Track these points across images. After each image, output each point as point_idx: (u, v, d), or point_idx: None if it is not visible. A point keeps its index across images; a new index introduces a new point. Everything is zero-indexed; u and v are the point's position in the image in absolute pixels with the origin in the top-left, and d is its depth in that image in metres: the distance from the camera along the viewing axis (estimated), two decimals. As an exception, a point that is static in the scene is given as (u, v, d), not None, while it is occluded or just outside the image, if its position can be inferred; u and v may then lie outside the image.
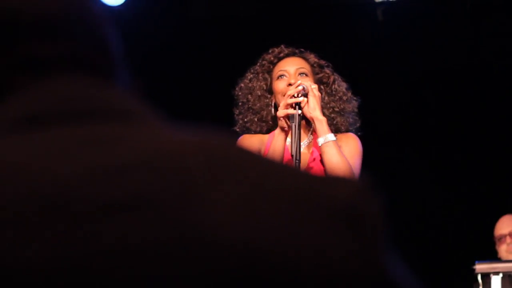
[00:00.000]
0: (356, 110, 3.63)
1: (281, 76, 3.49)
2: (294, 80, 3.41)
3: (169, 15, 6.89)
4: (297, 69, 3.48)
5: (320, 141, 3.26)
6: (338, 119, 3.50)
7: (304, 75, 3.46)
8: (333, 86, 3.55)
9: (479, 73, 6.35)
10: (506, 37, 6.24)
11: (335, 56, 3.73)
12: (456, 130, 6.39)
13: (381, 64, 6.34)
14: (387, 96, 6.33)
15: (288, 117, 3.25)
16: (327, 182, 0.68)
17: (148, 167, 0.67)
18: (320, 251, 0.63)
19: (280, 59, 3.57)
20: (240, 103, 3.62)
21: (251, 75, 3.60)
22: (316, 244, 0.63)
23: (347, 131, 3.52)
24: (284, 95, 3.36)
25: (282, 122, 3.28)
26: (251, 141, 3.50)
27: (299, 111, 3.25)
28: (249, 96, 3.55)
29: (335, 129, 3.44)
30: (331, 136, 3.26)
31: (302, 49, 3.67)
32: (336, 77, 3.61)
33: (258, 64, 3.65)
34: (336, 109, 3.50)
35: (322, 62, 3.59)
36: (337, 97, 3.54)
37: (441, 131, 6.37)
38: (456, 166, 6.39)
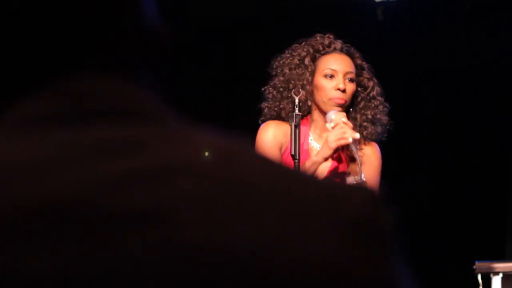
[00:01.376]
0: (387, 120, 3.57)
1: (329, 75, 3.41)
2: (342, 86, 3.35)
3: (169, 16, 6.88)
4: (346, 73, 3.41)
5: (351, 179, 3.27)
6: (370, 128, 3.46)
7: (350, 80, 3.39)
8: (371, 93, 3.50)
9: (479, 73, 6.34)
10: (506, 37, 6.23)
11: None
12: (456, 129, 6.38)
13: (381, 64, 6.32)
14: (387, 96, 6.33)
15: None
16: (338, 190, 0.65)
17: (178, 174, 0.63)
18: (328, 261, 0.60)
19: (328, 52, 3.46)
20: (277, 85, 3.47)
21: (295, 60, 3.47)
22: (324, 254, 0.60)
23: (373, 140, 3.48)
24: (327, 96, 3.34)
25: (332, 149, 3.26)
26: (276, 133, 3.44)
27: (298, 112, 3.24)
28: (290, 84, 3.43)
29: (363, 138, 3.40)
30: (363, 177, 3.25)
31: (349, 45, 3.56)
32: (375, 82, 3.54)
33: (302, 48, 3.52)
34: (369, 117, 3.46)
35: (365, 64, 3.54)
36: (373, 105, 3.49)
37: (441, 130, 6.37)
38: (456, 166, 6.39)
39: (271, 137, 3.35)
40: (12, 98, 0.70)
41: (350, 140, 3.24)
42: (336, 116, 3.28)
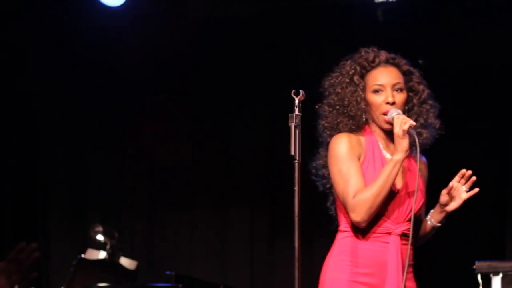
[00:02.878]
0: (438, 123, 3.60)
1: (377, 91, 3.44)
2: (391, 98, 3.40)
3: (168, 16, 6.88)
4: (394, 84, 3.43)
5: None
6: (424, 133, 3.49)
7: (399, 90, 3.42)
8: (422, 97, 3.51)
9: (479, 73, 6.34)
10: (506, 37, 6.23)
11: (334, 56, 3.71)
12: (456, 129, 6.38)
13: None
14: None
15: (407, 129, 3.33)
16: None
17: None
18: None
19: (373, 67, 3.49)
20: (331, 103, 3.50)
21: (345, 78, 3.50)
22: None
23: (428, 145, 3.55)
24: (378, 111, 3.41)
25: (404, 137, 3.32)
26: (353, 143, 3.43)
27: (298, 112, 3.23)
28: (345, 101, 3.46)
29: (421, 145, 3.43)
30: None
31: (393, 55, 3.56)
32: (425, 85, 3.55)
33: (350, 66, 3.52)
34: (422, 122, 3.49)
35: (413, 69, 3.54)
36: (425, 109, 3.51)
37: (442, 129, 6.35)
38: (456, 165, 6.37)
39: (349, 148, 3.38)
40: None
41: (412, 122, 3.31)
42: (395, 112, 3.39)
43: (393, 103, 3.41)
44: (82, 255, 6.00)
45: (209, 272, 6.75)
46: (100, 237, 6.11)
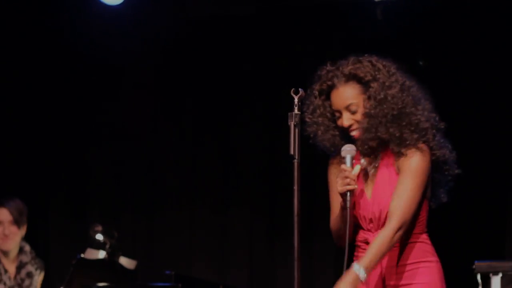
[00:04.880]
0: (419, 117, 3.42)
1: (336, 116, 3.39)
2: (346, 122, 3.33)
3: (167, 14, 6.88)
4: (345, 108, 3.35)
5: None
6: (398, 134, 3.33)
7: (352, 112, 3.32)
8: (378, 96, 3.34)
9: (479, 73, 6.34)
10: (506, 37, 6.23)
11: (334, 54, 3.70)
12: (455, 129, 6.37)
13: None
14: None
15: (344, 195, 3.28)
16: None
17: None
18: None
19: (332, 88, 3.40)
20: (319, 122, 3.43)
21: (317, 100, 3.43)
22: None
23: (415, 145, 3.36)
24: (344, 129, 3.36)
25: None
26: (335, 170, 3.42)
27: (298, 111, 3.23)
28: (316, 127, 3.43)
29: (399, 149, 3.32)
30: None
31: (339, 69, 3.45)
32: (378, 79, 3.37)
33: (318, 85, 3.44)
34: (392, 126, 3.33)
35: (360, 74, 3.37)
36: (388, 107, 3.34)
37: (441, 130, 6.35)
38: (456, 165, 6.37)
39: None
40: None
41: (351, 187, 3.25)
42: (345, 155, 3.32)
43: (350, 126, 3.37)
44: (82, 255, 6.00)
45: (209, 272, 6.75)
46: (99, 237, 6.11)
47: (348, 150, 3.32)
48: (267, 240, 6.85)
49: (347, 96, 3.37)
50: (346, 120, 3.36)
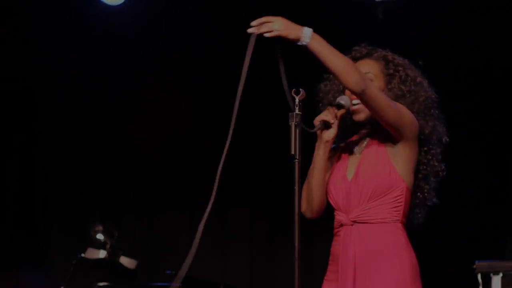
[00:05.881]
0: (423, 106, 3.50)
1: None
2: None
3: (168, 14, 6.88)
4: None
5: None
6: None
7: (370, 80, 3.37)
8: (400, 79, 3.45)
9: (479, 73, 6.35)
10: (506, 37, 6.23)
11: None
12: (456, 129, 6.37)
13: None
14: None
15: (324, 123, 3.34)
16: None
17: None
18: None
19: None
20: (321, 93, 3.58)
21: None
22: None
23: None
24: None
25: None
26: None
27: (298, 112, 3.24)
28: (327, 95, 3.53)
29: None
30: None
31: (374, 49, 3.54)
32: (408, 70, 3.48)
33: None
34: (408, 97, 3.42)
35: (389, 57, 3.51)
36: (408, 95, 3.43)
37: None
38: (456, 166, 6.38)
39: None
40: None
41: (325, 117, 3.35)
42: (339, 100, 3.41)
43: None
44: (82, 254, 6.00)
45: (209, 272, 6.75)
46: (100, 236, 6.12)
47: (343, 98, 3.39)
48: (268, 240, 6.85)
49: (368, 67, 3.46)
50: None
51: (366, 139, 3.42)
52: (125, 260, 6.14)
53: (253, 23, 3.28)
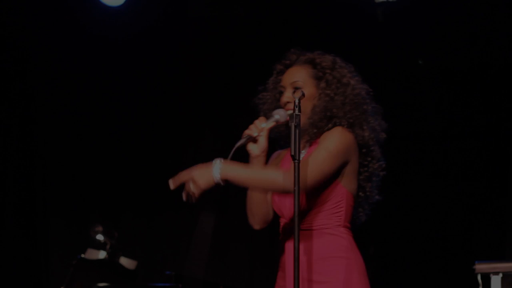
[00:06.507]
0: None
1: (282, 92, 3.47)
2: (285, 99, 3.40)
3: (168, 14, 6.89)
4: (290, 84, 3.42)
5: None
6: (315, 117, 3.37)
7: (296, 88, 3.37)
8: (325, 84, 3.41)
9: (479, 73, 6.35)
10: (506, 37, 6.23)
11: (334, 55, 3.71)
12: (456, 129, 6.38)
13: (381, 64, 6.33)
14: (387, 95, 6.33)
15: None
16: None
17: None
18: None
19: (284, 71, 3.51)
20: (258, 100, 3.61)
21: (268, 82, 3.60)
22: None
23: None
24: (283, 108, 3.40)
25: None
26: (274, 159, 3.52)
27: (298, 112, 3.23)
28: (263, 100, 3.55)
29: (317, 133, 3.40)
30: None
31: (302, 54, 3.53)
32: (334, 72, 3.43)
33: (273, 73, 3.60)
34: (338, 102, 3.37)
35: (317, 60, 3.45)
36: (338, 98, 3.39)
37: (442, 129, 6.37)
38: (456, 166, 6.38)
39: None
40: None
41: (250, 132, 3.38)
42: (274, 114, 3.41)
43: (287, 103, 3.40)
44: (82, 255, 6.00)
45: (209, 272, 6.75)
46: (100, 237, 6.12)
47: (279, 112, 3.37)
48: (268, 240, 6.85)
49: (296, 75, 3.44)
50: (286, 97, 3.40)
51: (306, 147, 3.39)
52: (124, 261, 6.14)
53: (172, 186, 3.51)
